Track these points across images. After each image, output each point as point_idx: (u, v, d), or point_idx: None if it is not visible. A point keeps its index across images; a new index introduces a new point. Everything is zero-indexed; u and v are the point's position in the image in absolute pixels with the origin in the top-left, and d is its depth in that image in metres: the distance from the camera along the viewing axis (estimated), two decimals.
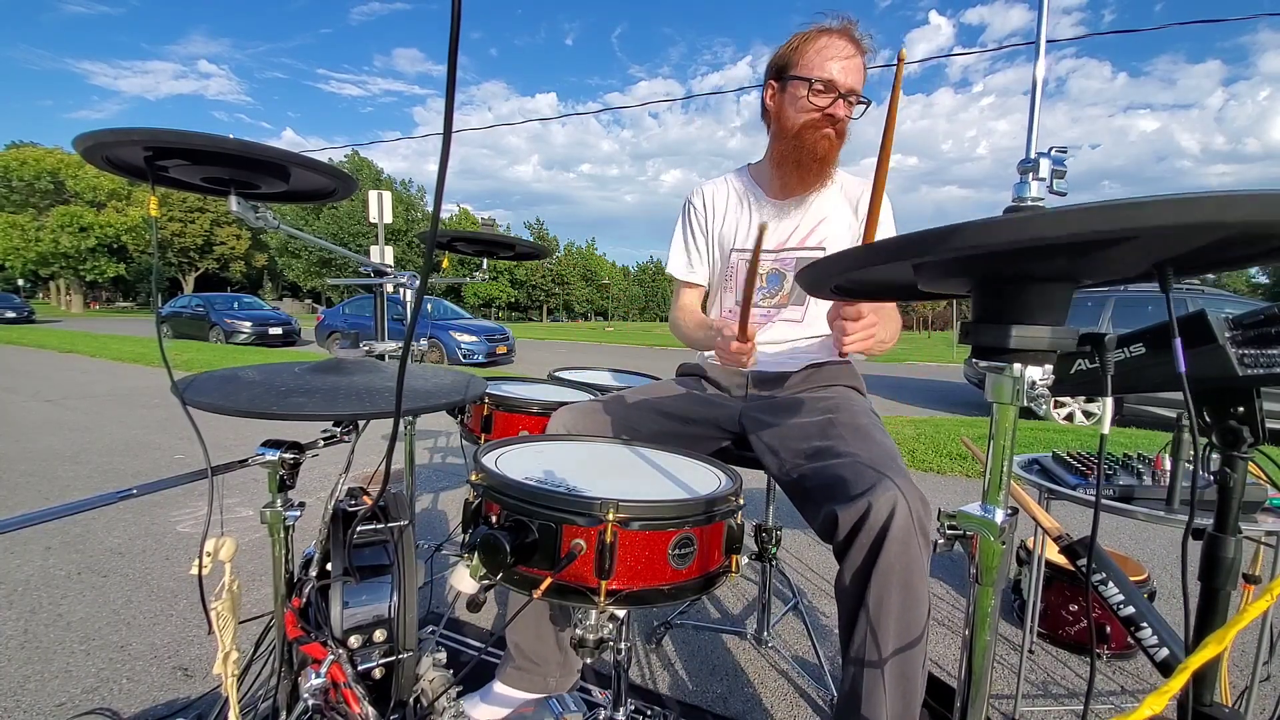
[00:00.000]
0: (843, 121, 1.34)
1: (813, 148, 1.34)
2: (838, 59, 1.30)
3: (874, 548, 0.93)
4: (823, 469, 1.07)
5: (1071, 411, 6.10)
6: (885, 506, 0.92)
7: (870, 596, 0.94)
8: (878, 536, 0.92)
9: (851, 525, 0.95)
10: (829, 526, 0.99)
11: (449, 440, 4.09)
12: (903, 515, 0.92)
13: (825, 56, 1.30)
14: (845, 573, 0.98)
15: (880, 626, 0.94)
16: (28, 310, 22.19)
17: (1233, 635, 0.38)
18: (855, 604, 0.97)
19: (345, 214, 37.69)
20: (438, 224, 0.56)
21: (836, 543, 0.98)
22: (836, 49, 1.30)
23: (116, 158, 0.80)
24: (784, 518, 2.80)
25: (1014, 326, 0.53)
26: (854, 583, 0.97)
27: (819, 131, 1.33)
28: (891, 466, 1.00)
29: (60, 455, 3.54)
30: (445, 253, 1.77)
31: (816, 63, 1.31)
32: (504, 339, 11.04)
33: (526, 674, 1.29)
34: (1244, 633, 1.45)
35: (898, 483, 0.94)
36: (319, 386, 0.85)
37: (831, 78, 1.30)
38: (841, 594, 1.00)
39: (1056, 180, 0.57)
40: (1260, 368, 0.65)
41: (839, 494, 0.99)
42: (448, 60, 0.45)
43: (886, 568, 0.92)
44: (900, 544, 0.92)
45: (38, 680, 1.48)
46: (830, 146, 1.34)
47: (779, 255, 1.44)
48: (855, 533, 0.94)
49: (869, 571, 0.94)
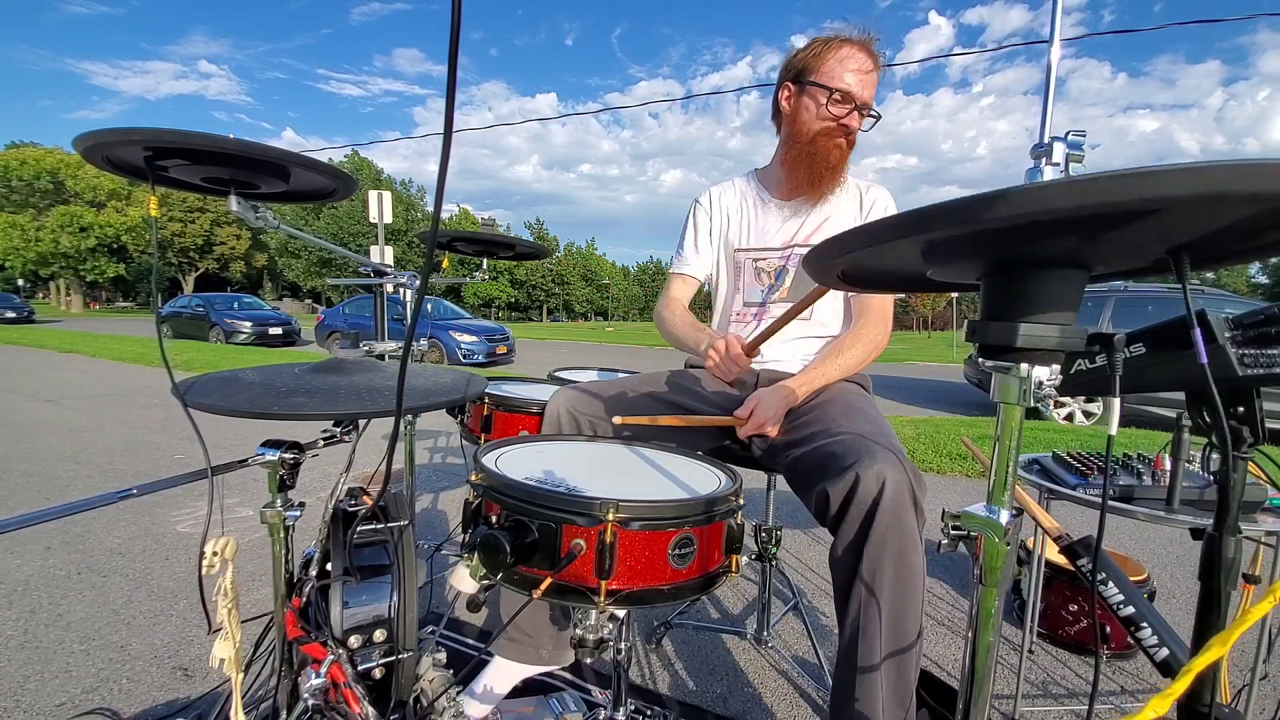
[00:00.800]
0: (855, 132, 1.37)
1: (825, 155, 1.36)
2: (858, 72, 1.32)
3: (865, 520, 0.93)
4: (815, 449, 1.08)
5: (1071, 411, 6.10)
6: (875, 479, 0.92)
7: (863, 570, 0.94)
8: (869, 509, 0.92)
9: (842, 499, 0.95)
10: (822, 504, 0.99)
11: (449, 440, 4.08)
12: (894, 486, 0.91)
13: (846, 67, 1.32)
14: (838, 548, 0.98)
15: (874, 600, 0.94)
16: (28, 310, 22.19)
17: (1236, 637, 0.38)
18: (849, 579, 0.97)
19: (345, 214, 37.70)
20: (438, 224, 0.56)
21: (829, 519, 0.98)
22: (857, 61, 1.32)
23: (116, 158, 0.79)
24: (784, 518, 2.80)
25: (1022, 324, 0.52)
26: (847, 559, 0.97)
27: (833, 140, 1.35)
28: (883, 441, 1.00)
29: (60, 455, 3.54)
30: (445, 253, 1.77)
31: (837, 73, 1.33)
32: (504, 339, 11.04)
33: (519, 645, 1.27)
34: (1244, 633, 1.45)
35: (887, 456, 0.94)
36: (319, 386, 0.85)
37: (850, 89, 1.32)
38: (836, 572, 1.00)
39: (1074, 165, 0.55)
40: (1260, 368, 0.65)
41: (829, 470, 0.99)
42: (448, 61, 0.45)
43: (879, 540, 0.92)
44: (892, 515, 0.91)
45: (38, 680, 1.48)
46: (841, 155, 1.37)
47: (784, 253, 1.45)
48: (846, 506, 0.95)
49: (861, 544, 0.94)
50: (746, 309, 1.48)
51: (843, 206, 1.44)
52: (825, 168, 1.37)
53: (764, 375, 1.41)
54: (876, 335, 1.36)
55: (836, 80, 1.32)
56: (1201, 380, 0.67)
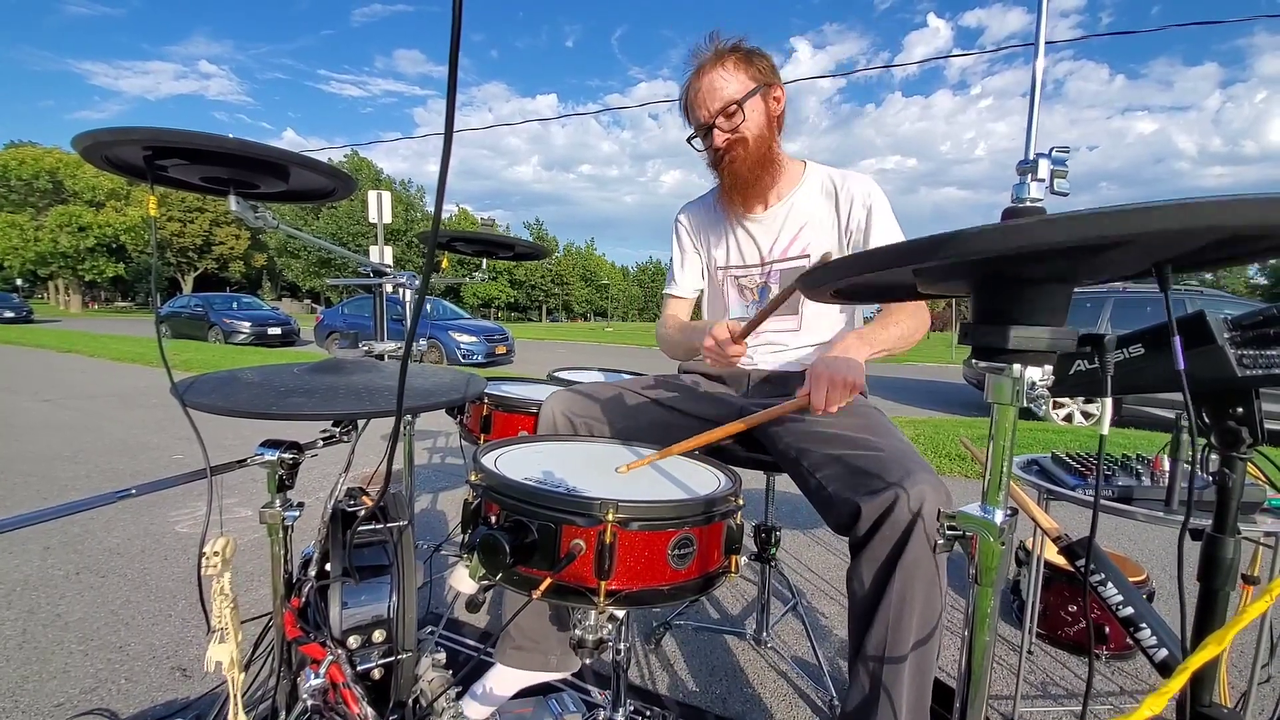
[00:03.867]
0: (733, 140, 1.31)
1: (730, 177, 1.35)
2: (690, 103, 1.33)
3: (900, 541, 0.92)
4: (845, 458, 1.05)
5: (1070, 412, 6.11)
6: (917, 499, 0.91)
7: (893, 591, 0.92)
8: (905, 530, 0.91)
9: (876, 518, 0.93)
10: (849, 518, 0.97)
11: (449, 440, 4.08)
12: (931, 509, 0.90)
13: (688, 103, 1.34)
14: (863, 566, 0.96)
15: (902, 622, 0.93)
16: (26, 310, 22.16)
17: (1232, 636, 0.38)
18: (875, 598, 0.95)
19: (345, 214, 37.71)
20: (438, 224, 0.56)
21: (856, 536, 0.96)
22: (693, 89, 1.32)
23: (116, 157, 0.79)
24: (784, 518, 2.80)
25: (1013, 327, 0.53)
26: (875, 577, 0.95)
27: (723, 164, 1.34)
28: (916, 461, 0.99)
29: (59, 455, 3.53)
30: (445, 253, 1.77)
31: (686, 116, 1.36)
32: (503, 339, 11.04)
33: (526, 653, 1.26)
34: (1243, 634, 1.45)
35: (925, 477, 0.93)
36: (318, 386, 0.85)
37: (696, 122, 1.33)
38: (857, 587, 0.98)
39: (1057, 180, 0.56)
40: (1259, 368, 0.65)
41: (861, 486, 0.97)
42: (449, 62, 0.45)
43: (913, 562, 0.91)
44: (928, 537, 0.91)
45: (36, 680, 1.47)
46: (741, 165, 1.32)
47: (764, 269, 1.42)
48: (879, 525, 0.93)
49: (893, 565, 0.92)
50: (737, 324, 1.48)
51: (815, 210, 1.37)
52: (740, 183, 1.34)
53: (761, 374, 1.41)
54: (922, 317, 1.30)
55: (691, 120, 1.35)
56: (1201, 381, 0.67)
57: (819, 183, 1.38)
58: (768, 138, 1.32)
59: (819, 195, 1.38)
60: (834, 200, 1.36)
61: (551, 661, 1.27)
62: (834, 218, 1.36)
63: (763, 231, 1.41)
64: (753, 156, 1.31)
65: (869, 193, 1.33)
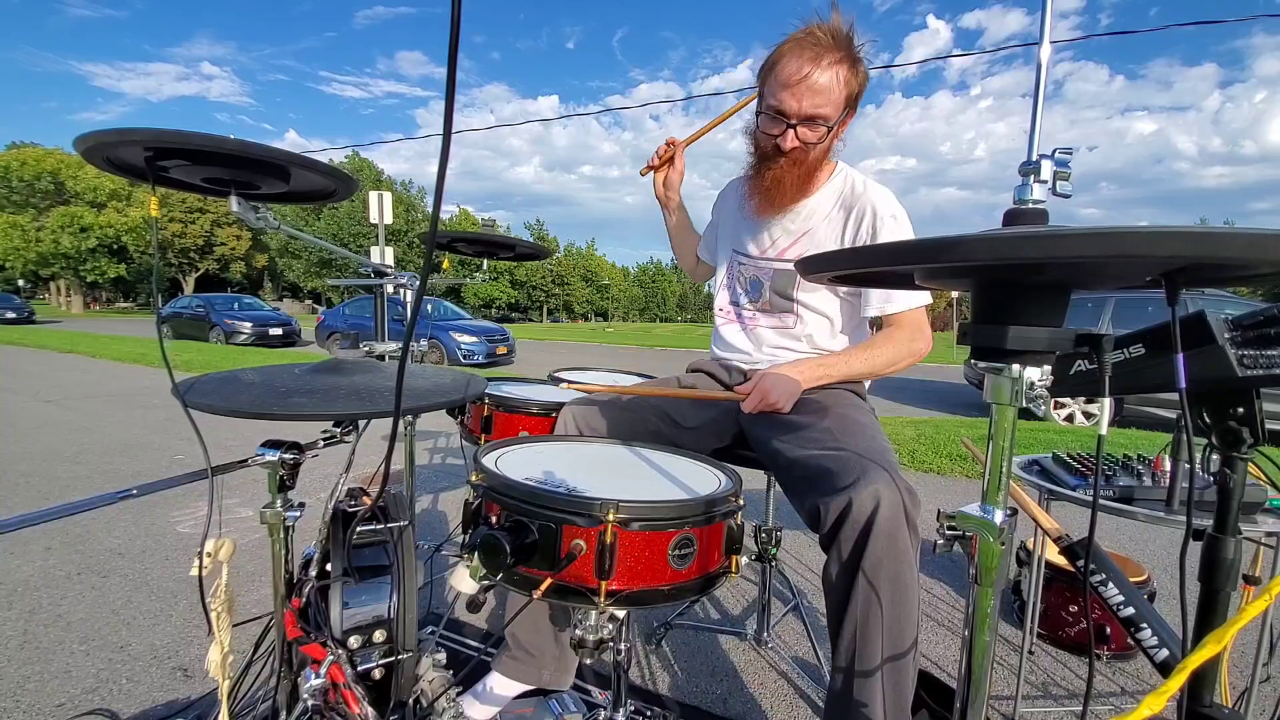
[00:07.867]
0: (798, 149, 1.23)
1: (773, 181, 1.28)
2: (788, 84, 1.18)
3: (859, 541, 0.92)
4: (809, 459, 1.06)
5: (1072, 412, 6.10)
6: (870, 500, 0.91)
7: (858, 593, 0.93)
8: (863, 530, 0.91)
9: (835, 518, 0.94)
10: (814, 518, 0.98)
11: (449, 440, 4.08)
12: (888, 508, 0.91)
13: (779, 80, 1.19)
14: (831, 567, 0.97)
15: (869, 625, 0.93)
16: (28, 311, 22.18)
17: (1231, 635, 0.38)
18: (843, 600, 0.96)
19: (345, 214, 37.74)
20: (437, 224, 0.56)
21: (822, 535, 0.97)
22: (791, 69, 1.17)
23: (117, 158, 0.80)
24: (784, 518, 2.80)
25: (1011, 327, 0.53)
26: (840, 578, 0.96)
27: (773, 163, 1.27)
28: (879, 459, 0.99)
29: (60, 455, 3.54)
30: (445, 253, 1.77)
31: (772, 85, 1.21)
32: (504, 339, 11.05)
33: (521, 665, 1.28)
34: (1244, 634, 1.45)
35: (882, 475, 0.93)
36: (319, 387, 0.85)
37: (780, 105, 1.20)
38: (828, 589, 0.99)
39: (1060, 182, 0.56)
40: (1260, 368, 0.65)
41: (824, 486, 0.98)
42: (448, 63, 0.45)
43: (874, 562, 0.91)
44: (887, 537, 0.91)
45: (37, 680, 1.48)
46: (788, 175, 1.26)
47: (757, 263, 1.43)
48: (839, 525, 0.94)
49: (855, 566, 0.93)
50: (731, 307, 1.50)
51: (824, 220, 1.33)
52: (777, 189, 1.28)
53: (751, 376, 1.41)
54: (914, 343, 1.27)
55: (770, 95, 1.21)
56: (1201, 380, 0.67)
57: (838, 191, 1.33)
58: (821, 159, 1.28)
59: (833, 204, 1.33)
60: (847, 212, 1.31)
61: (545, 676, 1.28)
62: (840, 230, 1.31)
63: (769, 228, 1.40)
64: (803, 171, 1.27)
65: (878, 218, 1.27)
